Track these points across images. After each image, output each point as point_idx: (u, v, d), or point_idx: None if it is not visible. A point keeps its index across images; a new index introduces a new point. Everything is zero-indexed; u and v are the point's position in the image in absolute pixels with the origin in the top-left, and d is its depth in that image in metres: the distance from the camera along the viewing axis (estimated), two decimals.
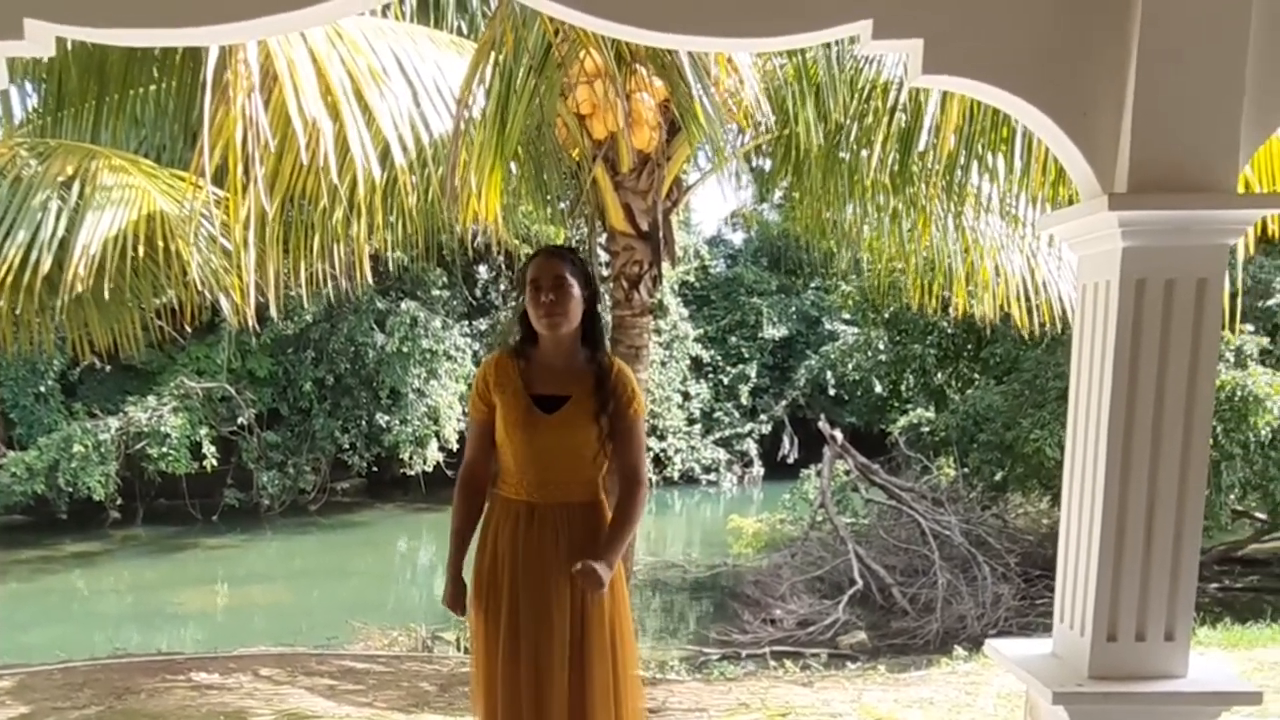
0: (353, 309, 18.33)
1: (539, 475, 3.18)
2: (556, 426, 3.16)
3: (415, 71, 4.66)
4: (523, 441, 3.17)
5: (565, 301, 3.14)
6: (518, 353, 3.26)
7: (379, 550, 18.01)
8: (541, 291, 3.14)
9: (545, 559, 3.15)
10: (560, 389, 3.19)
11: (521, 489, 3.20)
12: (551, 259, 3.22)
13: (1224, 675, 2.57)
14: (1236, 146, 2.21)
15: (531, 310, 3.18)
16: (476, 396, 3.26)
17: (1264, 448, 11.31)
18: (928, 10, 2.24)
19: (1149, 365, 2.29)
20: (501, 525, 3.22)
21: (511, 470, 3.22)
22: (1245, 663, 7.01)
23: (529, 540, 3.17)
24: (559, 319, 3.15)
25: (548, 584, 3.14)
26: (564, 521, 3.18)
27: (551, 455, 3.18)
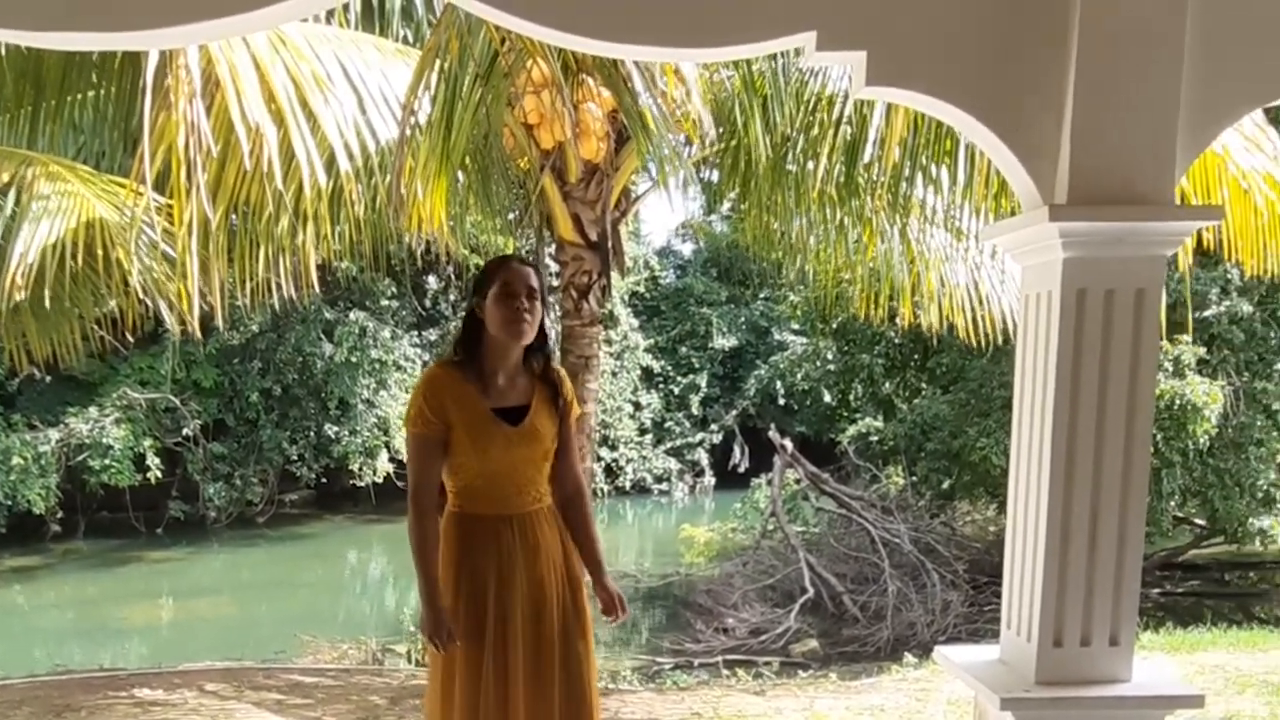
0: (300, 319, 18.12)
1: (513, 487, 3.16)
2: (527, 438, 3.14)
3: (360, 78, 4.63)
4: (494, 457, 3.12)
5: (535, 313, 3.11)
6: (463, 365, 3.17)
7: (328, 562, 17.79)
8: (517, 299, 3.08)
9: (536, 569, 3.15)
10: (517, 399, 3.16)
11: (494, 503, 3.15)
12: (525, 268, 3.17)
13: (1167, 679, 2.60)
14: (1172, 160, 2.25)
15: (498, 315, 3.09)
16: (428, 412, 3.11)
17: (1202, 455, 11.56)
18: (871, 23, 2.26)
19: (1090, 374, 2.31)
20: (477, 543, 3.13)
21: (479, 486, 3.15)
22: (1187, 666, 7.14)
23: (511, 553, 3.13)
24: (527, 329, 3.11)
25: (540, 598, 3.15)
26: (537, 528, 3.19)
27: (522, 466, 3.16)
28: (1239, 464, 11.76)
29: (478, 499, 3.16)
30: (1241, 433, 11.70)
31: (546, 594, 3.16)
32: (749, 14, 2.24)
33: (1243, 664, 7.16)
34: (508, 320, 3.08)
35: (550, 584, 3.17)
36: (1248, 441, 11.71)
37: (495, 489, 3.15)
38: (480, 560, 3.13)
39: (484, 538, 3.14)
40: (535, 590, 3.15)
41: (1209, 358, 11.60)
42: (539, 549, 3.16)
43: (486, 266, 3.27)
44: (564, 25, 2.22)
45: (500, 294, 3.09)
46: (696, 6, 2.23)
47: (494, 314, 3.10)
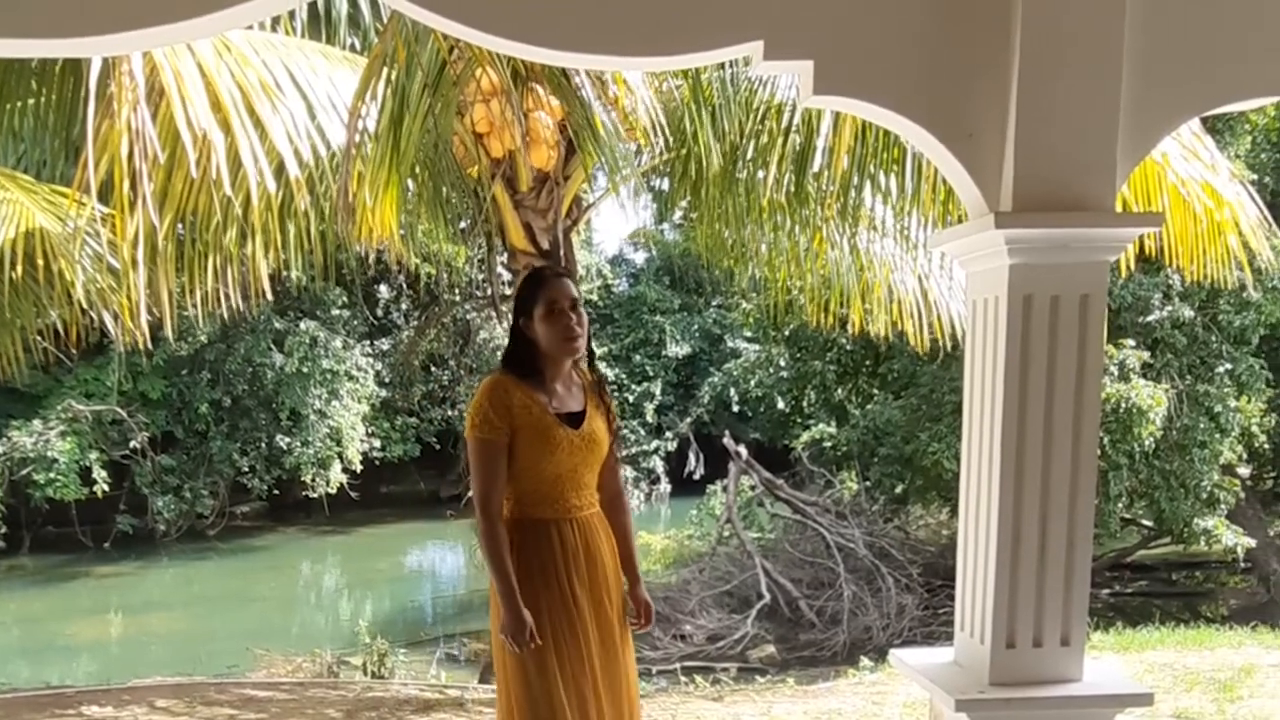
0: (250, 329, 17.89)
1: (573, 491, 3.25)
2: (588, 441, 3.25)
3: (309, 86, 4.58)
4: (560, 461, 3.20)
5: (584, 324, 3.23)
6: (525, 375, 3.23)
7: (281, 574, 17.57)
8: (564, 315, 3.17)
9: (595, 571, 3.26)
10: (574, 404, 3.28)
11: (559, 508, 3.23)
12: (564, 281, 3.27)
13: (1117, 678, 2.64)
14: (1114, 168, 2.28)
15: (549, 331, 3.18)
16: (494, 419, 3.15)
17: (1148, 457, 11.76)
18: (817, 32, 2.27)
19: (1038, 378, 2.34)
20: (545, 546, 3.20)
21: (542, 490, 3.22)
22: (1137, 665, 7.24)
23: (578, 555, 3.23)
24: (580, 343, 3.22)
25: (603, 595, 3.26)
26: (593, 531, 3.30)
27: (581, 469, 3.26)
28: (1184, 466, 11.97)
29: (539, 503, 3.23)
30: (1185, 435, 11.91)
31: (607, 594, 3.28)
32: (696, 22, 2.25)
33: (1190, 662, 7.28)
34: (562, 337, 3.18)
35: (610, 586, 3.30)
36: (1191, 444, 11.93)
37: (556, 492, 3.23)
38: (549, 563, 3.21)
39: (548, 540, 3.22)
40: (596, 591, 3.25)
41: (1153, 362, 11.82)
42: (598, 551, 3.28)
43: (525, 284, 3.35)
44: (512, 33, 2.21)
45: (547, 312, 3.18)
46: (644, 15, 2.24)
47: (545, 332, 3.19)
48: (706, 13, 2.25)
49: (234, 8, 2.18)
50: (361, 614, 14.12)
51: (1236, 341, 12.30)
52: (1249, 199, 5.37)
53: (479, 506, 3.19)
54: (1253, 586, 14.29)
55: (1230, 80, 2.37)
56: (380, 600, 15.85)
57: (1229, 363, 12.27)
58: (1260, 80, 2.36)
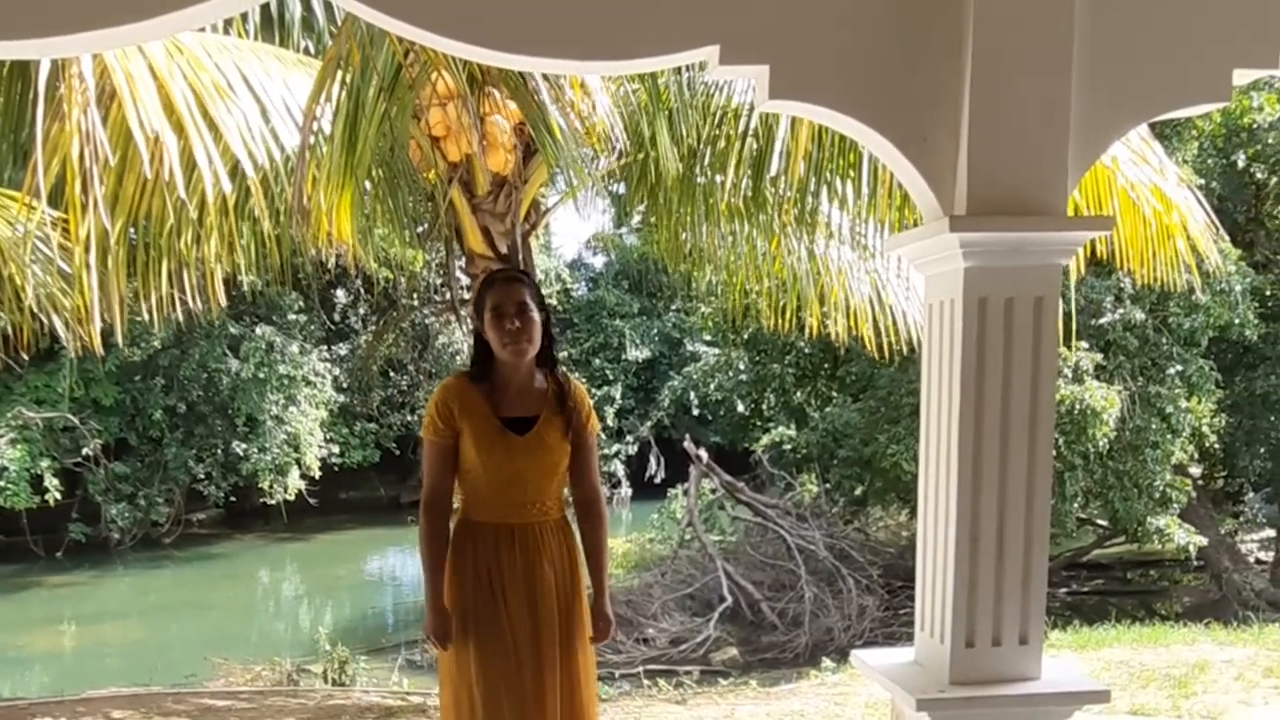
0: (204, 334, 17.68)
1: (517, 497, 3.22)
2: (532, 447, 3.21)
3: (263, 89, 4.53)
4: (498, 465, 3.19)
5: (530, 328, 3.19)
6: (478, 377, 3.25)
7: (239, 582, 17.39)
8: (506, 319, 3.16)
9: (531, 580, 3.20)
10: (526, 409, 3.23)
11: (498, 512, 3.22)
12: (512, 285, 3.23)
13: (1075, 675, 2.66)
14: (1065, 172, 2.31)
15: (495, 337, 3.18)
16: (438, 421, 3.21)
17: (1102, 458, 11.92)
18: (773, 36, 2.28)
19: (994, 380, 2.36)
20: (480, 550, 3.21)
21: (484, 495, 3.23)
22: (1094, 663, 7.34)
23: (513, 562, 3.20)
24: (526, 345, 3.18)
25: (537, 608, 3.20)
26: (543, 540, 3.24)
27: (528, 476, 3.22)
28: (1137, 466, 12.15)
29: (482, 507, 3.24)
30: (1138, 435, 12.09)
31: (545, 606, 3.21)
32: (652, 27, 2.25)
33: (1146, 659, 7.38)
34: (504, 343, 3.17)
35: (548, 595, 3.22)
36: (1144, 444, 12.11)
37: (499, 498, 3.21)
38: (482, 568, 3.20)
39: (485, 544, 3.21)
40: (533, 599, 3.20)
41: (1105, 363, 11.98)
42: (538, 560, 3.21)
43: (477, 288, 3.37)
44: (467, 37, 2.20)
45: (494, 316, 3.18)
46: (600, 19, 2.23)
47: (491, 337, 3.19)
48: (662, 17, 2.25)
49: (185, 10, 2.15)
50: (321, 621, 13.98)
51: (1186, 343, 12.50)
52: (1196, 203, 5.46)
53: (421, 505, 3.28)
54: (1205, 584, 14.54)
55: (1176, 87, 2.40)
56: (340, 607, 15.71)
57: (1179, 364, 12.47)
58: (1205, 88, 2.40)
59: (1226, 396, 13.38)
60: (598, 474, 3.45)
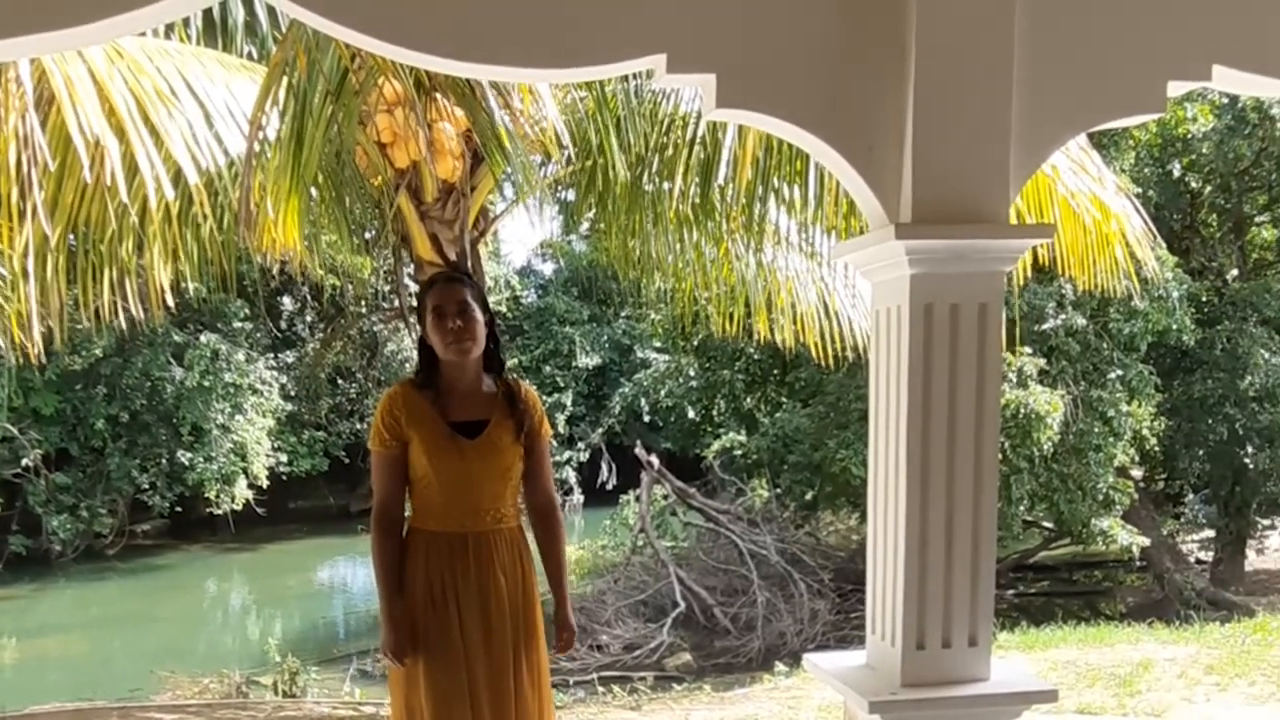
0: (147, 342, 17.38)
1: (469, 503, 3.17)
2: (483, 451, 3.16)
3: (206, 94, 4.46)
4: (450, 471, 3.13)
5: (472, 327, 3.14)
6: (422, 383, 3.20)
7: (186, 594, 17.14)
8: (447, 319, 3.12)
9: (485, 590, 3.15)
10: (475, 414, 3.18)
11: (451, 520, 3.16)
12: (452, 285, 3.20)
13: (1024, 676, 2.70)
14: (1007, 181, 2.35)
15: (437, 338, 3.14)
16: (384, 432, 3.17)
17: (1047, 461, 12.11)
18: (719, 46, 2.29)
19: (940, 385, 2.38)
20: (432, 560, 3.15)
21: (437, 503, 3.17)
22: (1042, 663, 7.45)
23: (466, 572, 3.15)
24: (468, 344, 3.14)
25: (490, 617, 3.15)
26: (496, 548, 3.19)
27: (480, 481, 3.17)
28: (1080, 469, 12.36)
29: (433, 516, 3.18)
30: (1081, 439, 12.30)
31: (498, 614, 3.16)
32: (598, 36, 2.25)
33: (1092, 658, 7.51)
34: (446, 343, 3.13)
35: (501, 604, 3.16)
36: (1087, 447, 12.32)
37: (452, 505, 3.15)
38: (435, 578, 3.14)
39: (437, 554, 3.15)
40: (486, 610, 3.15)
41: (1049, 368, 12.18)
42: (491, 570, 3.16)
43: (419, 291, 3.36)
44: (413, 44, 2.19)
45: (435, 318, 3.14)
46: (545, 27, 2.23)
47: (433, 338, 3.15)
48: (608, 26, 2.25)
49: (125, 14, 2.11)
50: (271, 632, 13.81)
51: (1126, 348, 12.75)
52: (1134, 211, 5.57)
53: (372, 518, 3.22)
54: (1148, 584, 14.82)
55: (1113, 99, 2.44)
56: (290, 618, 15.51)
57: (1120, 369, 12.71)
58: (1140, 99, 2.44)
59: (1166, 400, 13.67)
60: (552, 480, 3.41)
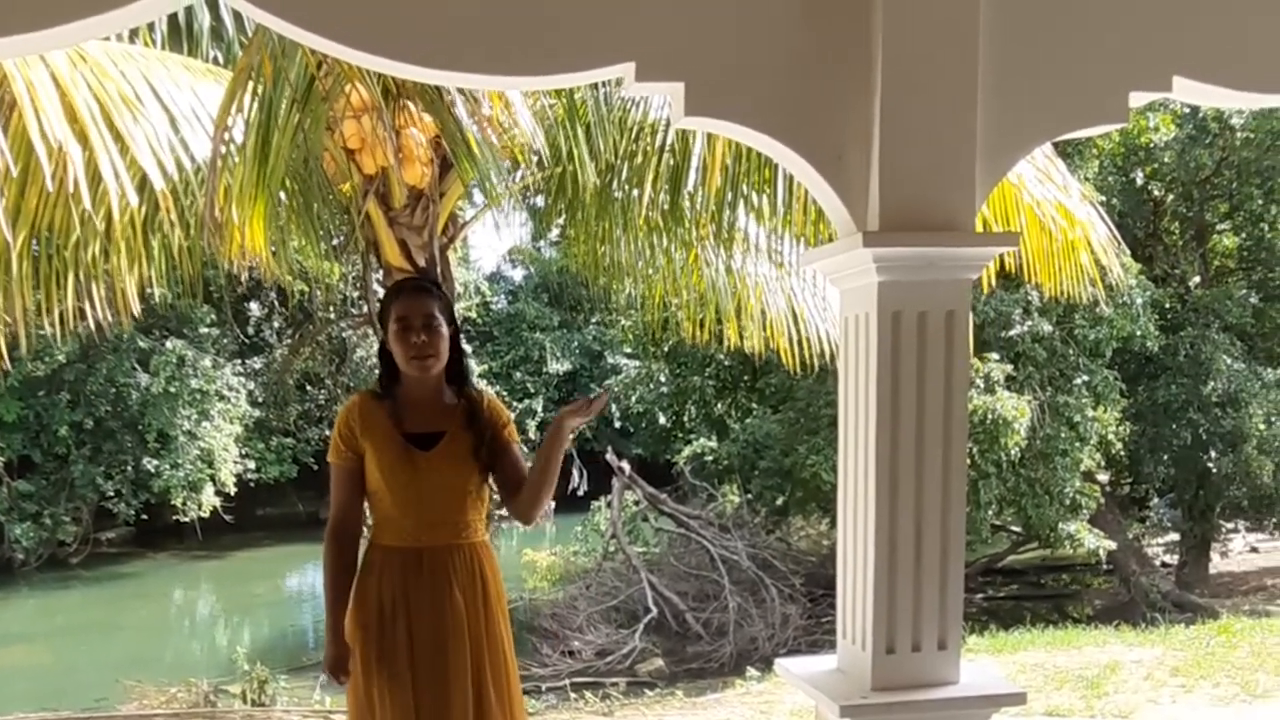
0: (112, 348, 17.19)
1: (424, 517, 3.05)
2: (437, 464, 3.04)
3: (171, 99, 4.42)
4: (404, 483, 3.02)
5: (436, 341, 3.03)
6: (381, 393, 3.11)
7: (152, 602, 16.95)
8: (413, 332, 3.01)
9: (439, 607, 3.02)
10: (433, 425, 3.07)
11: (406, 534, 3.05)
12: (420, 296, 3.08)
13: (993, 679, 2.73)
14: (973, 190, 2.37)
15: (399, 349, 3.04)
16: (340, 443, 3.08)
17: (1014, 466, 12.22)
18: (688, 55, 2.29)
19: (909, 391, 2.40)
20: (385, 575, 3.04)
21: (393, 516, 3.06)
22: (1010, 666, 7.51)
23: (420, 588, 3.02)
24: (431, 361, 3.04)
25: (444, 635, 3.02)
26: (453, 565, 3.06)
27: (435, 494, 3.05)
28: (1048, 473, 12.47)
29: (390, 530, 3.07)
30: (1048, 444, 12.42)
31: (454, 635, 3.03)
32: (568, 44, 2.25)
33: (1060, 661, 7.57)
34: (408, 356, 3.03)
35: (458, 624, 3.03)
36: (1054, 452, 12.44)
37: (407, 519, 3.05)
38: (387, 594, 3.03)
39: (390, 572, 3.04)
40: (439, 629, 3.02)
41: (1015, 374, 12.29)
42: (447, 588, 3.03)
43: (384, 296, 3.21)
44: (382, 51, 2.18)
45: (399, 329, 3.03)
46: (515, 35, 2.23)
47: (396, 349, 3.05)
48: (577, 34, 2.25)
49: (88, 19, 2.09)
50: (239, 640, 13.65)
51: (1092, 354, 12.89)
52: (1099, 219, 5.64)
53: (326, 531, 3.13)
54: (1115, 587, 14.97)
55: (1076, 109, 2.48)
56: (259, 626, 15.37)
57: (1086, 375, 12.85)
58: (1103, 109, 2.48)
59: (1131, 405, 13.83)
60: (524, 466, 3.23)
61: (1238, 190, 14.71)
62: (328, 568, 3.11)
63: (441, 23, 2.20)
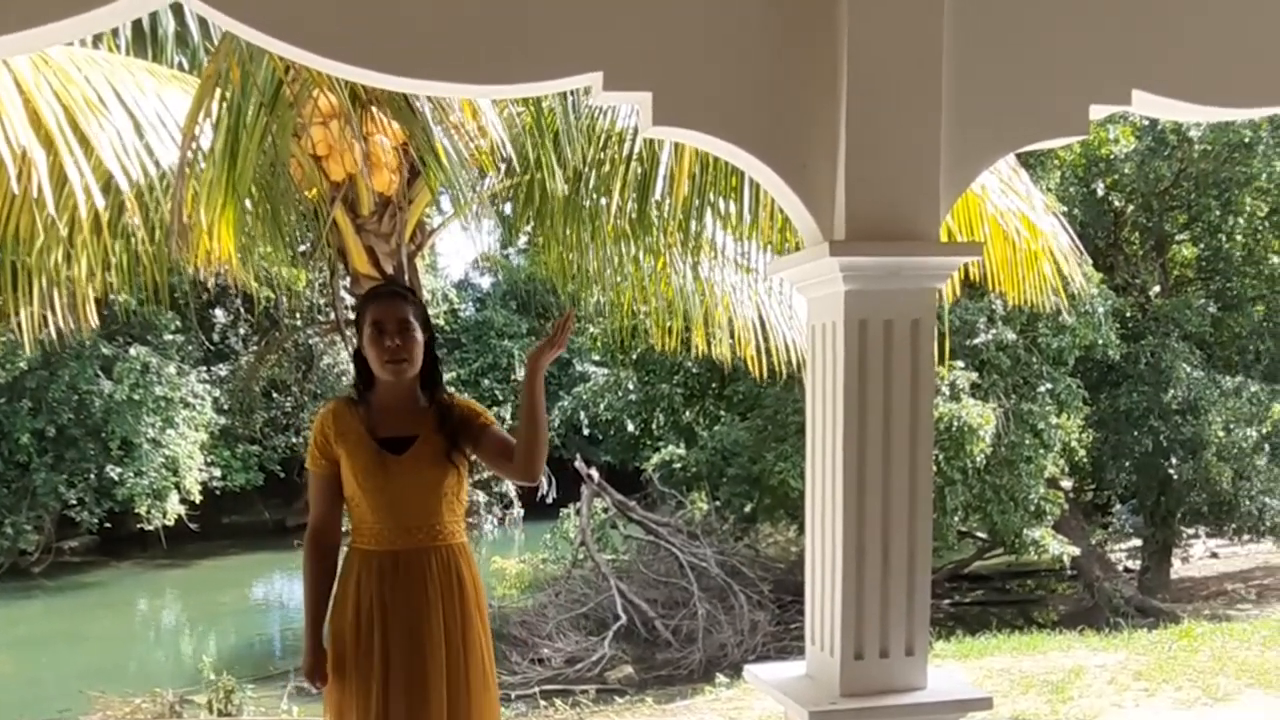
0: (74, 354, 16.96)
1: (399, 521, 3.07)
2: (410, 467, 3.06)
3: (136, 104, 4.38)
4: (377, 488, 3.05)
5: (410, 346, 3.06)
6: (355, 399, 3.15)
7: (116, 611, 16.73)
8: (386, 336, 3.04)
9: (415, 609, 3.05)
10: (405, 429, 3.09)
11: (382, 538, 3.08)
12: (395, 300, 3.12)
13: (959, 684, 2.74)
14: (937, 200, 2.40)
15: (374, 354, 3.07)
16: (316, 450, 3.12)
17: (980, 473, 12.33)
18: (656, 65, 2.31)
19: (875, 399, 2.42)
20: (363, 580, 3.07)
21: (369, 521, 3.09)
22: (977, 671, 7.55)
23: (396, 591, 3.05)
24: (405, 365, 3.06)
25: (420, 636, 3.04)
26: (429, 568, 3.08)
27: (409, 497, 3.08)
28: (1012, 480, 12.59)
29: (367, 535, 3.10)
30: (1013, 451, 12.53)
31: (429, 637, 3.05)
32: (536, 53, 2.26)
33: (1025, 666, 7.64)
34: (383, 360, 3.06)
35: (435, 628, 3.06)
36: (1019, 459, 12.56)
37: (381, 523, 3.07)
38: (364, 598, 3.06)
39: (369, 574, 3.07)
40: (416, 632, 3.04)
41: (980, 382, 12.41)
42: (423, 591, 3.06)
43: (357, 304, 3.27)
44: (350, 58, 2.18)
45: (373, 334, 3.06)
46: (484, 44, 2.24)
47: (370, 354, 3.08)
48: (546, 43, 2.26)
49: (51, 25, 2.07)
50: (205, 650, 13.53)
51: (1055, 362, 13.03)
52: (1061, 229, 5.71)
53: (305, 536, 3.18)
54: (1079, 592, 15.11)
55: (1038, 122, 2.52)
56: (225, 635, 15.21)
57: (1049, 382, 12.99)
58: (1064, 122, 2.52)
59: (1093, 413, 13.99)
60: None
61: (1196, 201, 14.93)
62: (307, 573, 3.16)
63: (410, 30, 2.21)
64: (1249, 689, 6.57)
